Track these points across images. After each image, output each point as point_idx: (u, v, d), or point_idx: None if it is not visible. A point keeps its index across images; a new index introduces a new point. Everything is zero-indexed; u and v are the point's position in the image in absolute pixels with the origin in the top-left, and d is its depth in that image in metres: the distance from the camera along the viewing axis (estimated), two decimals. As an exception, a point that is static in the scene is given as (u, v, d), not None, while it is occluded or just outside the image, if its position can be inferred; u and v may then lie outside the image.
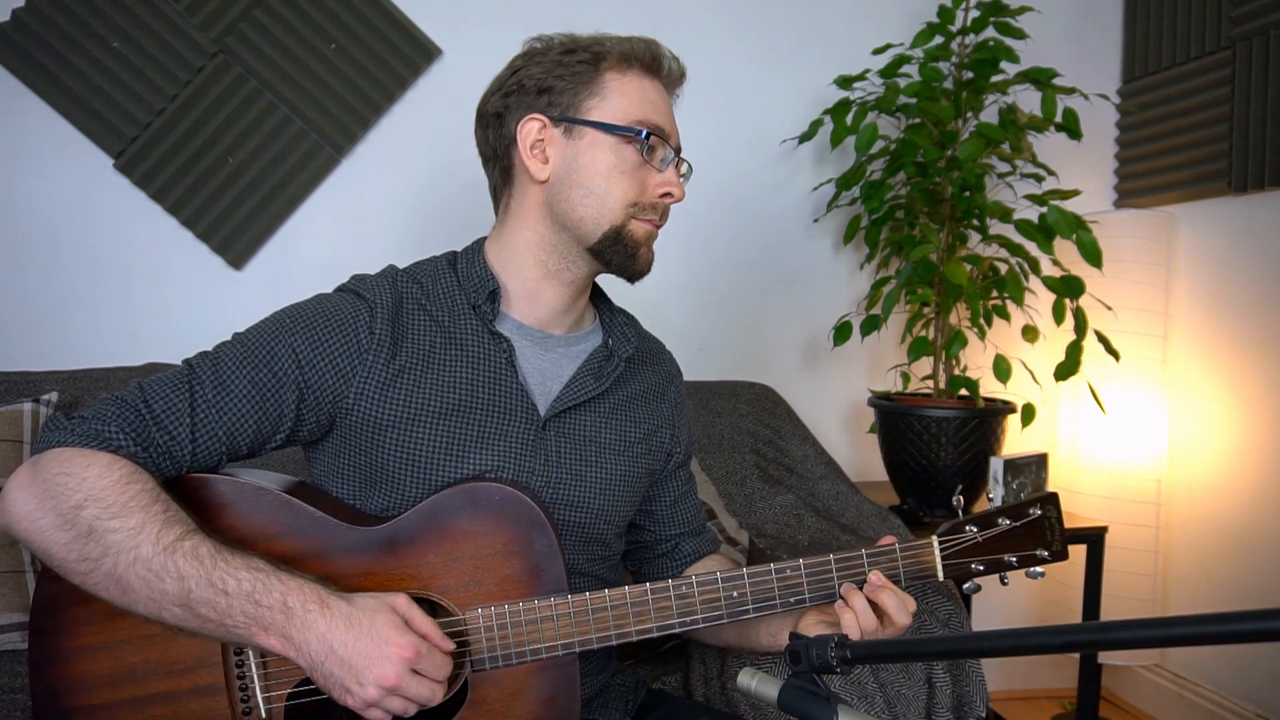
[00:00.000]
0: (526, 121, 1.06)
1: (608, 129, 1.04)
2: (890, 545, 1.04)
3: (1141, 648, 0.82)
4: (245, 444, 0.98)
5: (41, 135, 1.96)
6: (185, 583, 0.85)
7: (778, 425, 2.15)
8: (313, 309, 1.03)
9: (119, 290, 2.03)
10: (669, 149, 1.08)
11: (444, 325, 1.06)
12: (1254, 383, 2.16)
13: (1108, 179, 2.58)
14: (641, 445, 1.16)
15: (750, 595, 1.00)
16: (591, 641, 0.96)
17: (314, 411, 1.01)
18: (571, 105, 1.05)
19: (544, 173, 1.06)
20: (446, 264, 1.12)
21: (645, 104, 1.06)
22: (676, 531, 1.25)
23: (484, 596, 0.96)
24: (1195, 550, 2.30)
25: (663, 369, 1.25)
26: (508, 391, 1.06)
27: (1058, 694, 2.53)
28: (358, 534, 0.96)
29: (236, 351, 0.99)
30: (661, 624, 0.98)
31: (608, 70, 1.06)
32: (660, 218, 1.09)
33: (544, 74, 1.06)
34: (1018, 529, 1.06)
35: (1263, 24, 2.09)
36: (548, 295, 1.10)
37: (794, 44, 2.35)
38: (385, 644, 0.84)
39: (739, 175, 2.34)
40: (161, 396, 0.94)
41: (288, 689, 0.94)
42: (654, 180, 1.07)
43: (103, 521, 0.86)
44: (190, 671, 0.93)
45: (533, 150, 1.06)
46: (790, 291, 2.40)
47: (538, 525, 0.97)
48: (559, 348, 1.12)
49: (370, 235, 2.13)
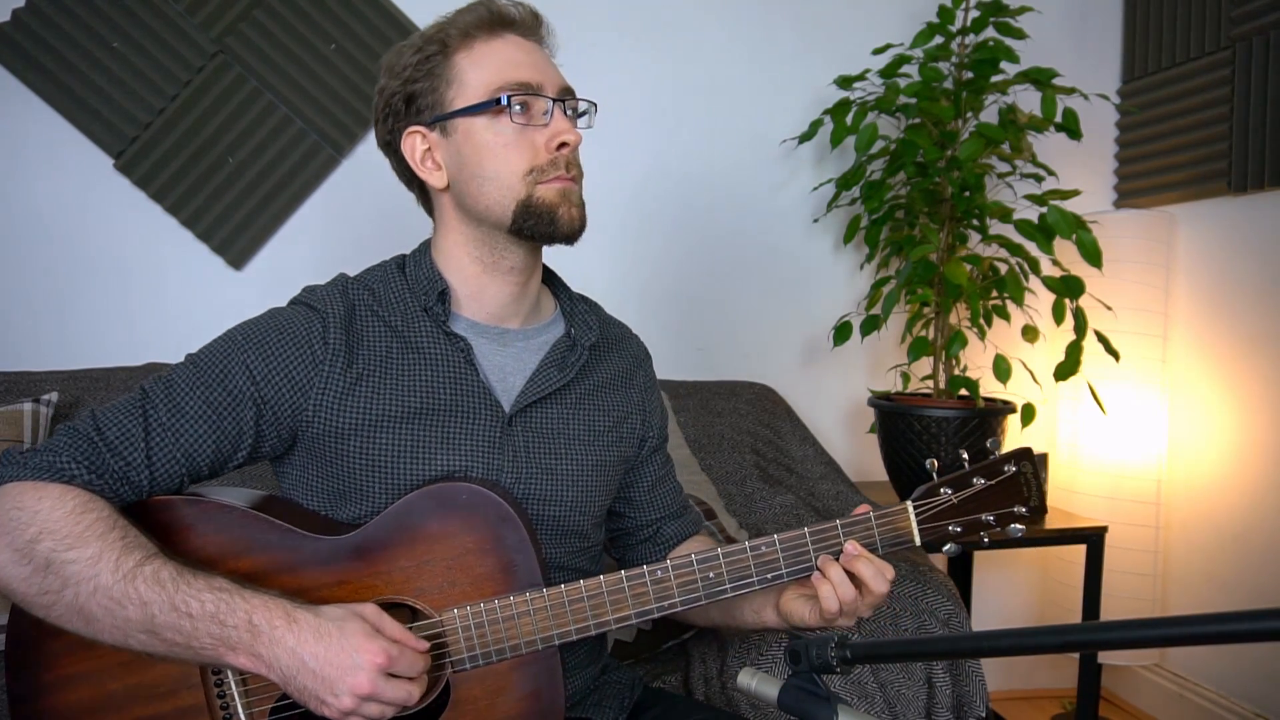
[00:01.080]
0: (406, 138, 1.06)
1: (471, 111, 1.01)
2: (865, 514, 1.02)
3: (1141, 648, 0.82)
4: (205, 464, 0.97)
5: (41, 135, 1.96)
6: (148, 609, 0.84)
7: (777, 425, 2.15)
8: (264, 324, 1.02)
9: (119, 290, 2.03)
10: (545, 100, 1.02)
11: (398, 330, 1.05)
12: (1254, 383, 2.16)
13: (1108, 179, 2.58)
14: (612, 434, 1.15)
15: (727, 575, 0.99)
16: (570, 633, 0.96)
17: (273, 427, 1.00)
18: (437, 104, 1.03)
19: (442, 179, 1.06)
20: (396, 268, 1.11)
21: (502, 66, 1.02)
22: (657, 516, 1.24)
23: (459, 597, 0.95)
24: (1195, 550, 2.30)
25: (629, 353, 1.23)
26: (469, 391, 1.05)
27: (1058, 694, 2.53)
28: (327, 544, 0.95)
29: (190, 372, 0.98)
30: (639, 610, 0.98)
31: (456, 53, 1.03)
32: (568, 169, 1.03)
33: (403, 84, 1.04)
34: (994, 487, 1.03)
35: (1263, 24, 2.09)
36: (492, 290, 1.09)
37: (794, 44, 2.35)
38: (356, 652, 0.84)
39: (739, 175, 2.34)
40: (115, 423, 0.93)
41: (269, 704, 0.94)
42: (541, 138, 1.02)
43: (59, 553, 0.85)
44: (171, 694, 0.92)
45: (424, 163, 1.06)
46: (790, 291, 2.40)
47: (507, 521, 0.96)
48: (518, 342, 1.11)
49: (370, 235, 2.13)
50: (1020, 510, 1.04)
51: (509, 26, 1.05)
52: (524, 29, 1.06)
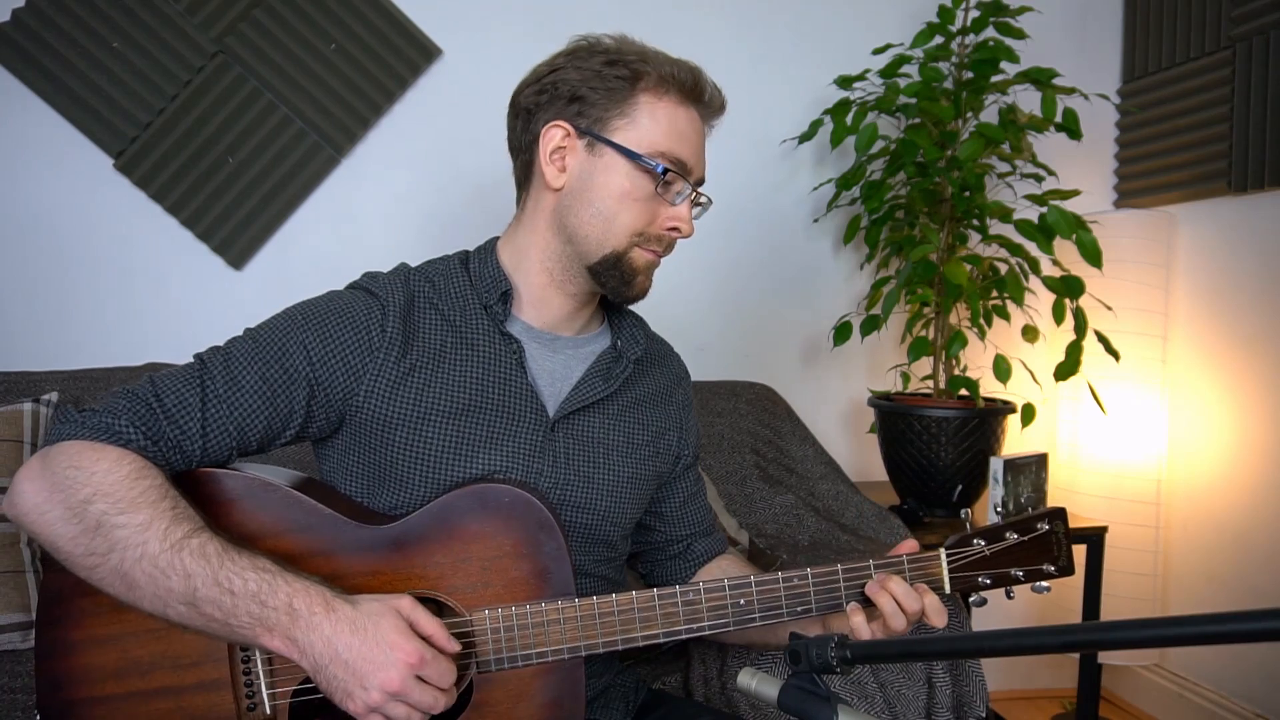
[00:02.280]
0: (551, 127, 1.05)
1: (627, 154, 1.03)
2: (898, 556, 1.03)
3: (1141, 648, 0.82)
4: (255, 439, 0.98)
5: (41, 135, 1.96)
6: (191, 581, 0.85)
7: (778, 425, 2.15)
8: (325, 305, 1.03)
9: (119, 290, 2.03)
10: (686, 184, 1.06)
11: (455, 325, 1.06)
12: (1254, 383, 2.16)
13: (1108, 179, 2.58)
14: (649, 448, 1.16)
15: (757, 604, 1.00)
16: (598, 646, 0.96)
17: (324, 408, 1.01)
18: (599, 120, 1.04)
19: (559, 180, 1.06)
20: (459, 263, 1.12)
21: (673, 134, 1.04)
22: (688, 532, 1.25)
23: (491, 598, 0.96)
24: (1195, 550, 2.30)
25: (671, 371, 1.25)
26: (517, 392, 1.06)
27: (1058, 694, 2.53)
28: (366, 532, 0.96)
29: (249, 347, 0.99)
30: (668, 630, 0.98)
31: (643, 92, 1.04)
32: (664, 249, 1.08)
33: (580, 81, 1.04)
34: (1025, 543, 1.05)
35: (1263, 24, 2.09)
36: (555, 303, 1.10)
37: (794, 44, 2.35)
38: (390, 649, 0.84)
39: (739, 175, 2.34)
40: (173, 390, 0.94)
41: (292, 685, 0.94)
42: (664, 213, 1.06)
43: (111, 517, 0.85)
44: (196, 666, 0.93)
45: (552, 157, 1.06)
46: (790, 291, 2.40)
47: (546, 528, 0.97)
48: (567, 349, 1.12)
49: (370, 235, 2.13)
50: (1049, 569, 1.06)
51: (698, 102, 1.07)
52: (706, 113, 1.09)
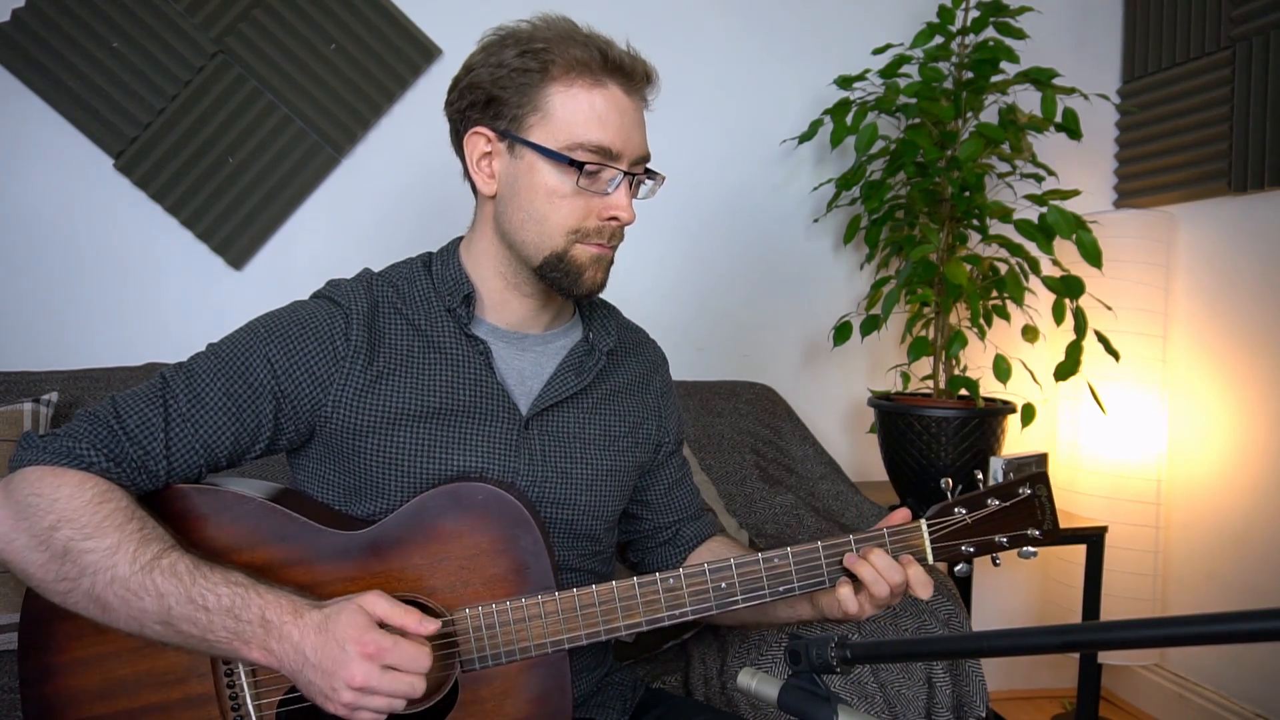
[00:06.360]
0: (472, 134, 1.03)
1: (544, 152, 0.98)
2: (879, 530, 1.03)
3: (1141, 648, 0.82)
4: (224, 455, 0.97)
5: (41, 135, 1.96)
6: (164, 600, 0.85)
7: (777, 425, 2.15)
8: (287, 317, 1.02)
9: (119, 290, 2.03)
10: (616, 171, 1.00)
11: (421, 329, 1.05)
12: (1254, 383, 2.16)
13: (1108, 179, 2.58)
14: (628, 439, 1.16)
15: (739, 585, 1.00)
16: (581, 638, 0.96)
17: (292, 420, 1.00)
18: (515, 120, 1.00)
19: (490, 188, 1.04)
20: (421, 266, 1.10)
21: (591, 120, 0.98)
22: (675, 518, 1.24)
23: (471, 596, 0.95)
24: (1195, 550, 2.30)
25: (646, 359, 1.23)
26: (487, 393, 1.05)
27: (1058, 694, 2.53)
28: (342, 538, 0.96)
29: (211, 362, 0.98)
30: (650, 618, 0.98)
31: (553, 82, 0.98)
32: (610, 239, 1.03)
33: (493, 80, 1.00)
34: (1007, 509, 1.04)
35: (1263, 24, 2.09)
36: (514, 304, 1.09)
37: (794, 44, 2.35)
38: (347, 644, 0.83)
39: (739, 175, 2.34)
40: (135, 410, 0.93)
41: (278, 696, 0.94)
42: (599, 204, 1.01)
43: (77, 542, 0.85)
44: (180, 682, 0.92)
45: (480, 164, 1.04)
46: (790, 291, 2.40)
47: (522, 523, 0.96)
48: (536, 347, 1.11)
49: (371, 235, 2.13)
50: (1034, 533, 1.05)
51: (615, 74, 1.00)
52: (629, 83, 1.01)
